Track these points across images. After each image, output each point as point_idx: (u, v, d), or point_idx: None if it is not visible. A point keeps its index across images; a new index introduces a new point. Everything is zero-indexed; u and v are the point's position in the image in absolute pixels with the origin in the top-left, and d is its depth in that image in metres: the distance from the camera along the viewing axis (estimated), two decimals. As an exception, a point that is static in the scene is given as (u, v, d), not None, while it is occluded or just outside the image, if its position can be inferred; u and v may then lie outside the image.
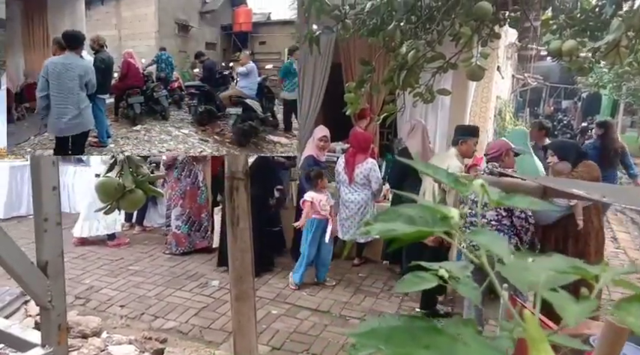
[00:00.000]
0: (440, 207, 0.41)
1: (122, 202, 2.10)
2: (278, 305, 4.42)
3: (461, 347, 0.34)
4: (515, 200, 0.45)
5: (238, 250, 1.50)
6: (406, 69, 2.80)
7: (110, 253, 5.62)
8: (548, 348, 0.33)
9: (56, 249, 1.26)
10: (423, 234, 0.40)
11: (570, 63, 2.42)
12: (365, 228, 0.43)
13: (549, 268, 0.41)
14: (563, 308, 0.36)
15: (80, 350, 3.33)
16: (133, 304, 4.36)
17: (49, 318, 1.24)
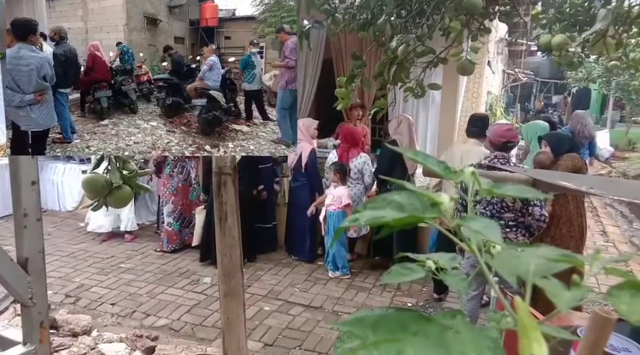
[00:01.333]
0: (429, 193, 0.40)
1: (110, 199, 2.08)
2: (270, 302, 4.41)
3: (450, 334, 0.33)
4: (505, 189, 0.44)
5: (227, 246, 1.49)
6: (396, 63, 2.79)
7: (100, 251, 5.57)
8: (540, 336, 0.32)
9: (37, 245, 1.23)
10: (412, 220, 0.39)
11: (560, 57, 2.43)
12: (354, 215, 0.42)
13: (539, 256, 0.40)
14: (555, 295, 0.35)
15: (70, 349, 3.30)
16: (124, 302, 4.32)
17: (30, 316, 1.22)
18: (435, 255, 0.66)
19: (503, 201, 3.19)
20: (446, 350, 0.30)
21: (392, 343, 0.30)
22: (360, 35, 3.00)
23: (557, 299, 0.35)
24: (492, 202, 3.21)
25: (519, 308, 0.33)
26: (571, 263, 0.39)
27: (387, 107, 3.71)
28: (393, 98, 3.77)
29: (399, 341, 0.30)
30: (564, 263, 0.39)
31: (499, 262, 0.41)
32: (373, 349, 0.30)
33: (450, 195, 0.40)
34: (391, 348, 0.30)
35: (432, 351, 0.29)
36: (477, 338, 0.32)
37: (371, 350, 0.30)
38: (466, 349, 0.31)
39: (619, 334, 1.29)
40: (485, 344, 0.32)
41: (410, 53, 2.73)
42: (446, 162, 0.48)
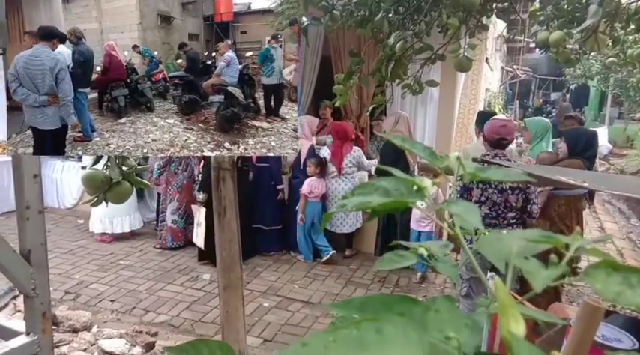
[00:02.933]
0: (414, 179, 0.42)
1: (109, 195, 2.09)
2: (269, 298, 4.43)
3: (432, 314, 0.35)
4: (489, 173, 0.46)
5: (225, 240, 1.50)
6: (394, 60, 2.80)
7: (100, 248, 5.59)
8: (518, 314, 0.34)
9: (39, 237, 1.25)
10: (397, 204, 0.41)
11: (557, 54, 2.43)
12: (342, 201, 0.44)
13: (521, 238, 0.41)
14: (531, 273, 0.36)
15: (70, 345, 3.32)
16: (124, 298, 4.34)
17: (32, 306, 1.24)
18: (428, 243, 0.67)
19: (507, 201, 3.22)
20: (425, 328, 0.31)
21: (373, 322, 0.31)
22: (358, 32, 3.01)
23: (532, 278, 0.36)
24: (497, 203, 3.23)
25: (498, 288, 0.35)
26: (551, 244, 0.40)
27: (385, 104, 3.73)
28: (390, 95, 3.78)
29: (379, 320, 0.31)
30: (545, 243, 0.41)
31: (483, 245, 0.42)
32: (354, 327, 0.31)
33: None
34: (371, 326, 0.31)
35: (411, 329, 0.31)
36: (456, 317, 0.34)
37: (352, 329, 0.31)
38: (445, 327, 0.32)
39: (611, 325, 1.31)
40: (463, 322, 0.33)
41: (408, 50, 2.74)
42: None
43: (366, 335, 0.31)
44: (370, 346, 0.30)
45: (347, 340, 0.31)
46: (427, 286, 4.75)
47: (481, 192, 3.25)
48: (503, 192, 3.22)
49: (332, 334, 0.31)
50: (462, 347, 0.31)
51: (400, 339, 0.31)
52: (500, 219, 3.26)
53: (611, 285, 0.35)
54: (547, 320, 0.58)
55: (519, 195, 3.22)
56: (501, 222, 3.26)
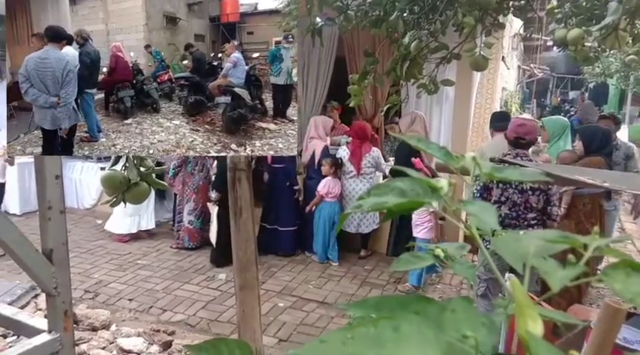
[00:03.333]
0: (429, 179, 0.42)
1: (127, 195, 2.12)
2: (284, 298, 4.45)
3: (449, 313, 0.35)
4: (506, 173, 0.45)
5: (242, 240, 1.52)
6: (409, 59, 2.79)
7: (118, 248, 5.67)
8: (536, 314, 0.34)
9: (60, 236, 1.28)
10: (413, 204, 0.41)
11: (576, 52, 2.40)
12: (358, 201, 0.44)
13: (539, 239, 0.41)
14: (548, 274, 0.36)
15: (90, 343, 3.38)
16: (142, 297, 4.40)
17: (54, 305, 1.26)
18: (444, 244, 0.67)
19: (528, 201, 3.18)
20: (441, 327, 0.32)
21: (389, 320, 0.32)
22: (373, 32, 3.00)
23: (550, 278, 0.36)
24: (518, 203, 3.19)
25: (515, 288, 0.35)
26: (569, 244, 0.40)
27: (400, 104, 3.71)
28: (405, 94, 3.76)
29: (396, 319, 0.32)
30: (563, 244, 0.41)
31: (500, 245, 0.42)
32: (371, 325, 0.31)
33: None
34: (388, 325, 0.31)
35: (428, 328, 0.31)
36: (472, 317, 0.34)
37: (369, 327, 0.31)
38: (461, 326, 0.32)
39: (633, 327, 1.28)
40: (480, 322, 0.33)
41: (423, 49, 2.72)
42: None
43: (383, 333, 0.31)
44: (387, 344, 0.30)
45: (364, 337, 0.31)
46: (443, 287, 4.72)
47: (501, 192, 3.21)
48: (524, 193, 3.18)
49: (350, 331, 0.32)
50: (479, 346, 0.31)
51: (417, 337, 0.31)
52: (520, 220, 3.22)
53: (631, 286, 0.34)
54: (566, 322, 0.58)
55: (540, 195, 3.18)
56: (521, 222, 3.22)
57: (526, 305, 0.34)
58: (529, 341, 0.32)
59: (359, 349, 0.30)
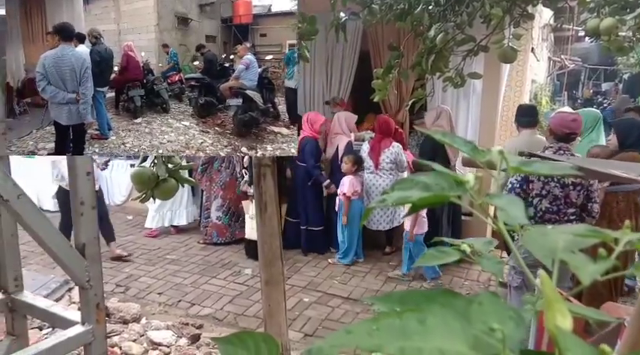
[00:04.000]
0: (455, 173, 0.41)
1: (156, 191, 2.17)
2: (310, 293, 4.47)
3: (476, 307, 0.34)
4: (535, 166, 0.45)
5: (267, 235, 1.53)
6: (435, 53, 2.75)
7: (147, 243, 5.81)
8: (565, 309, 0.33)
9: (92, 231, 1.32)
10: (437, 199, 0.41)
11: (609, 42, 2.32)
12: (382, 196, 0.44)
13: (567, 233, 0.40)
14: (578, 267, 0.35)
15: (121, 335, 3.47)
16: (170, 291, 4.49)
17: (87, 298, 1.31)
18: (470, 240, 0.66)
19: (568, 196, 3.11)
20: (468, 320, 0.31)
21: (415, 312, 0.32)
22: (398, 25, 2.97)
23: (579, 272, 0.35)
24: (558, 197, 3.12)
25: (544, 282, 0.34)
26: (599, 238, 0.39)
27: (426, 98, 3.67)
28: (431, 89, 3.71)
29: (422, 311, 0.31)
30: (592, 238, 0.40)
31: (528, 239, 0.41)
32: (397, 317, 0.31)
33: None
34: (414, 317, 0.31)
35: (454, 320, 0.31)
36: (500, 310, 0.33)
37: (395, 318, 0.31)
38: (488, 319, 0.32)
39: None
40: (507, 315, 0.33)
41: (449, 42, 2.68)
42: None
43: (409, 325, 0.31)
44: (413, 335, 0.30)
45: (390, 329, 0.31)
46: (471, 284, 4.65)
47: (542, 186, 3.15)
48: (565, 187, 3.11)
49: (375, 323, 0.32)
50: (506, 339, 0.31)
51: (443, 329, 0.31)
52: (560, 215, 3.15)
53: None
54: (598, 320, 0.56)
55: (581, 191, 3.10)
56: (562, 217, 3.15)
57: (555, 300, 0.33)
58: (558, 336, 0.31)
59: (384, 340, 0.30)
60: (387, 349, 0.30)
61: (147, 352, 3.32)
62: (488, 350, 0.30)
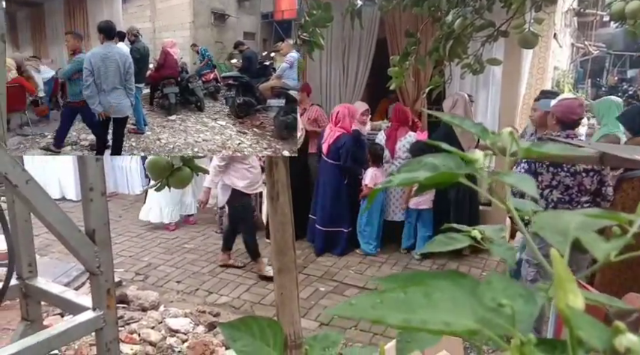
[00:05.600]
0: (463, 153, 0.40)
1: (171, 180, 2.18)
2: (325, 283, 4.48)
3: (484, 285, 0.33)
4: (546, 147, 0.43)
5: (279, 223, 1.52)
6: (453, 38, 2.70)
7: (166, 232, 5.89)
8: (575, 287, 0.32)
9: (102, 217, 1.34)
10: (445, 177, 0.39)
11: (635, 26, 2.24)
12: (389, 177, 0.42)
13: (580, 214, 0.38)
14: (592, 244, 0.34)
15: (140, 322, 3.54)
16: (188, 280, 4.56)
17: (98, 283, 1.33)
18: (481, 227, 0.65)
19: (582, 184, 3.05)
20: (476, 297, 0.30)
21: (421, 286, 0.31)
22: (414, 11, 2.92)
23: (594, 249, 0.33)
24: (570, 186, 3.06)
25: (555, 261, 0.32)
26: (612, 220, 0.37)
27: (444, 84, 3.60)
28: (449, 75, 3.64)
29: (428, 285, 0.30)
30: (605, 219, 0.38)
31: (541, 223, 0.40)
32: (401, 291, 0.31)
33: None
34: (419, 291, 0.30)
35: (461, 295, 0.30)
36: (509, 288, 0.32)
37: (399, 293, 0.30)
38: (497, 296, 0.31)
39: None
40: (517, 293, 0.32)
41: (467, 27, 2.62)
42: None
43: (414, 299, 0.30)
44: (418, 309, 0.30)
45: (394, 302, 0.30)
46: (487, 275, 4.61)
47: (552, 177, 3.08)
48: (577, 175, 3.04)
49: (379, 296, 0.31)
50: (515, 315, 0.29)
51: (449, 304, 0.30)
52: (573, 204, 3.08)
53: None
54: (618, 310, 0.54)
55: (594, 177, 3.03)
56: (575, 206, 3.08)
57: (566, 279, 0.32)
58: (569, 315, 0.30)
59: (388, 312, 0.29)
60: (390, 320, 0.29)
61: (165, 339, 3.38)
62: (496, 327, 0.29)
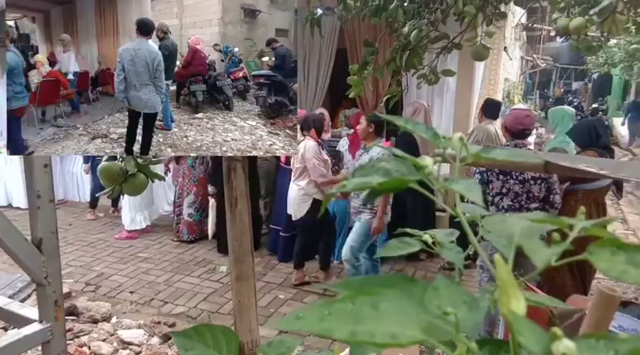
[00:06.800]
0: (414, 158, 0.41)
1: (125, 186, 2.11)
2: (285, 290, 4.46)
3: (430, 291, 0.34)
4: (494, 153, 0.44)
5: (237, 231, 1.51)
6: (409, 49, 2.77)
7: (119, 241, 5.69)
8: (518, 292, 0.33)
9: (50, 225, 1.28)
10: (397, 183, 0.40)
11: (579, 41, 2.37)
12: (343, 182, 0.43)
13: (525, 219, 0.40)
14: (533, 251, 0.35)
15: (90, 335, 3.39)
16: (143, 290, 4.41)
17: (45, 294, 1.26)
18: (433, 231, 0.67)
19: (530, 191, 3.17)
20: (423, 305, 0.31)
21: (368, 296, 0.31)
22: (372, 21, 2.98)
23: (534, 256, 0.35)
24: (519, 194, 3.18)
25: (499, 265, 0.34)
26: (555, 224, 0.39)
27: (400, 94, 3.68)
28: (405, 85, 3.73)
29: (375, 295, 0.31)
30: (548, 224, 0.40)
31: (487, 225, 0.41)
32: (350, 302, 0.31)
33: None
34: (367, 301, 0.31)
35: (408, 305, 0.30)
36: (454, 295, 0.33)
37: (347, 303, 0.31)
38: (443, 304, 0.31)
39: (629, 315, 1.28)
40: (461, 300, 0.33)
41: (423, 39, 2.70)
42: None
43: (362, 310, 0.31)
44: (365, 320, 0.30)
45: (342, 313, 0.30)
46: (467, 280, 4.72)
47: (502, 184, 3.20)
48: (525, 183, 3.17)
49: (327, 307, 0.31)
50: (460, 323, 0.30)
51: (396, 314, 0.30)
52: (523, 210, 3.21)
53: (616, 264, 0.34)
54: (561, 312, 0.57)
55: (542, 184, 3.17)
56: (524, 213, 3.21)
57: (509, 284, 0.33)
58: (512, 320, 0.31)
59: (336, 325, 0.30)
60: (338, 333, 0.29)
61: (117, 351, 3.25)
62: (442, 335, 0.29)
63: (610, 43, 9.28)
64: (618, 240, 0.35)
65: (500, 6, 2.91)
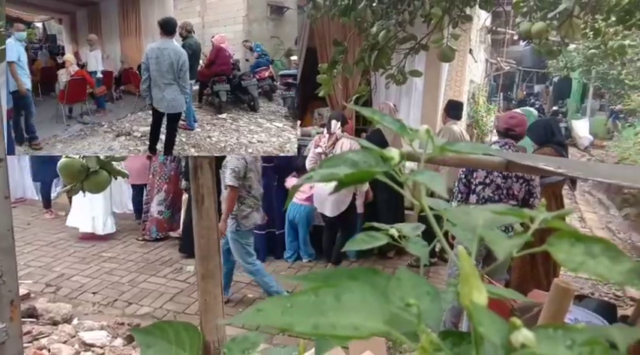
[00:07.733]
0: (381, 150, 0.41)
1: (86, 183, 2.04)
2: (253, 289, 4.42)
3: (394, 282, 0.34)
4: (459, 146, 0.45)
5: (204, 228, 1.48)
6: (377, 49, 2.79)
7: (81, 240, 5.51)
8: (480, 284, 0.33)
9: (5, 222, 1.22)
10: (364, 175, 0.40)
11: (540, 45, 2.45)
12: (310, 173, 0.43)
13: (488, 211, 0.41)
14: (494, 242, 0.36)
15: (50, 337, 3.27)
16: (106, 291, 4.29)
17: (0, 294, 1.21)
18: (399, 225, 0.67)
19: (511, 188, 3.25)
20: (386, 296, 0.31)
21: (331, 288, 0.31)
22: (341, 21, 2.99)
23: (495, 247, 0.36)
24: (501, 187, 3.26)
25: (461, 257, 0.34)
26: (516, 217, 0.40)
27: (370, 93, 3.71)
28: (374, 85, 3.77)
29: (338, 287, 0.31)
30: (510, 216, 0.41)
31: (452, 217, 0.42)
32: (312, 294, 0.30)
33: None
34: (330, 292, 0.30)
35: (371, 296, 0.30)
36: (417, 286, 0.33)
37: (310, 295, 0.30)
38: (406, 295, 0.32)
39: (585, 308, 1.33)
40: (424, 291, 0.33)
41: (391, 39, 2.73)
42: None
43: (324, 301, 0.30)
44: (328, 312, 0.30)
45: (304, 306, 0.30)
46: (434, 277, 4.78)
47: (486, 174, 3.29)
48: (508, 179, 3.26)
49: (289, 300, 0.31)
50: (422, 314, 0.30)
51: (359, 306, 0.30)
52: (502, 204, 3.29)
53: (575, 255, 0.35)
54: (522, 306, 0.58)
55: (523, 184, 3.26)
56: None
57: (471, 275, 0.33)
58: (473, 311, 0.31)
59: (297, 318, 0.29)
60: (299, 327, 0.29)
61: (78, 353, 3.15)
62: (405, 326, 0.29)
63: (570, 47, 9.63)
64: (577, 231, 0.36)
65: (466, 9, 2.98)
